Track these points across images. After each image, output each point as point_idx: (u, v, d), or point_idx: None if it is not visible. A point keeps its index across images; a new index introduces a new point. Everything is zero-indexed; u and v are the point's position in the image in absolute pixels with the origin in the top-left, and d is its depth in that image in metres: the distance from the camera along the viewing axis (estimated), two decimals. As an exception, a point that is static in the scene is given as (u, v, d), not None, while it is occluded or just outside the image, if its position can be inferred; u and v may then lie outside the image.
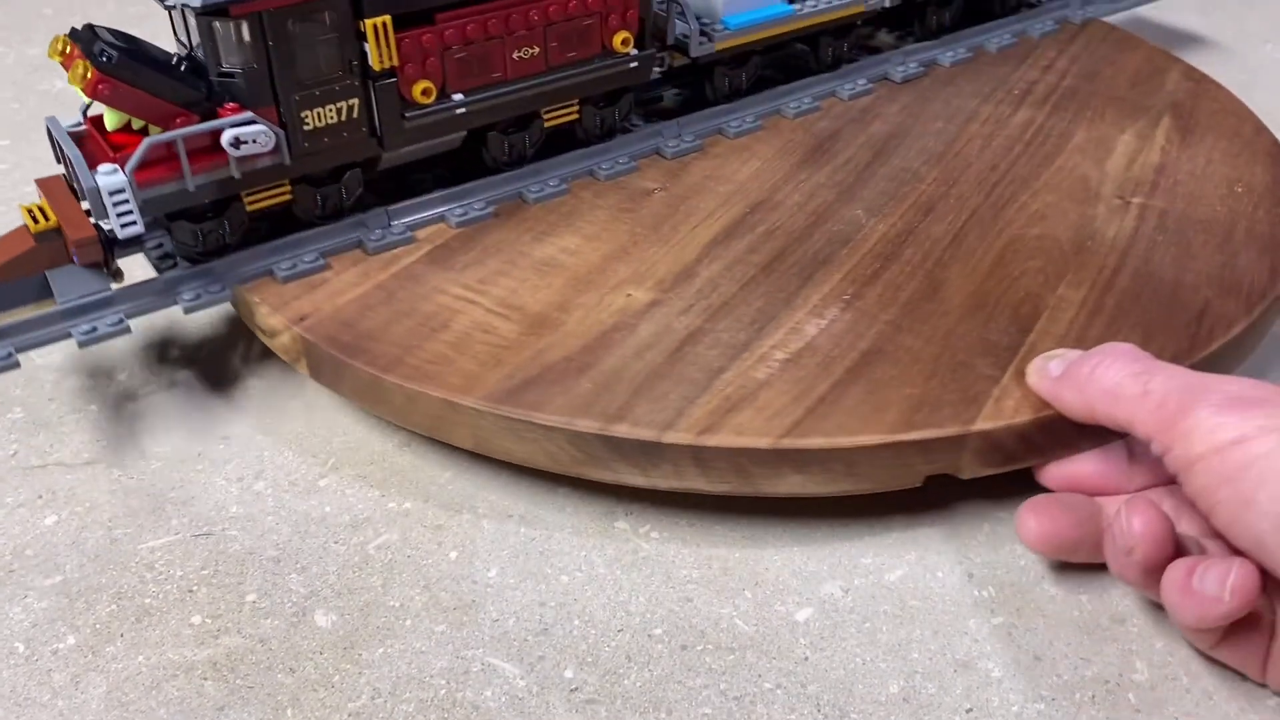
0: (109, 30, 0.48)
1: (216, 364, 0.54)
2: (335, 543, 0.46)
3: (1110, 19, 0.79)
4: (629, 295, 0.50)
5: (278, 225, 0.53)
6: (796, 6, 0.63)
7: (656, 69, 0.63)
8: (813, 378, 0.46)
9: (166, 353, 0.55)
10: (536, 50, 0.54)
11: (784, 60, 0.68)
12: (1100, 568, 0.43)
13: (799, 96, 0.66)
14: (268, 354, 0.54)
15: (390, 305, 0.50)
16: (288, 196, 0.51)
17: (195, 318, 0.57)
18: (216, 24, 0.46)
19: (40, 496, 0.48)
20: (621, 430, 0.43)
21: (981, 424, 0.43)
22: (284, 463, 0.49)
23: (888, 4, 0.69)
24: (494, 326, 0.49)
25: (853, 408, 0.44)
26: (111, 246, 0.48)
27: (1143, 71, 0.70)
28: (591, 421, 0.43)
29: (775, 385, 0.45)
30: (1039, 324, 0.48)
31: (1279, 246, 0.53)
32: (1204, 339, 0.48)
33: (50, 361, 0.55)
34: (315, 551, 0.45)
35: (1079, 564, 0.44)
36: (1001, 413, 0.44)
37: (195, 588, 0.44)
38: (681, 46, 0.61)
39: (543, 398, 0.45)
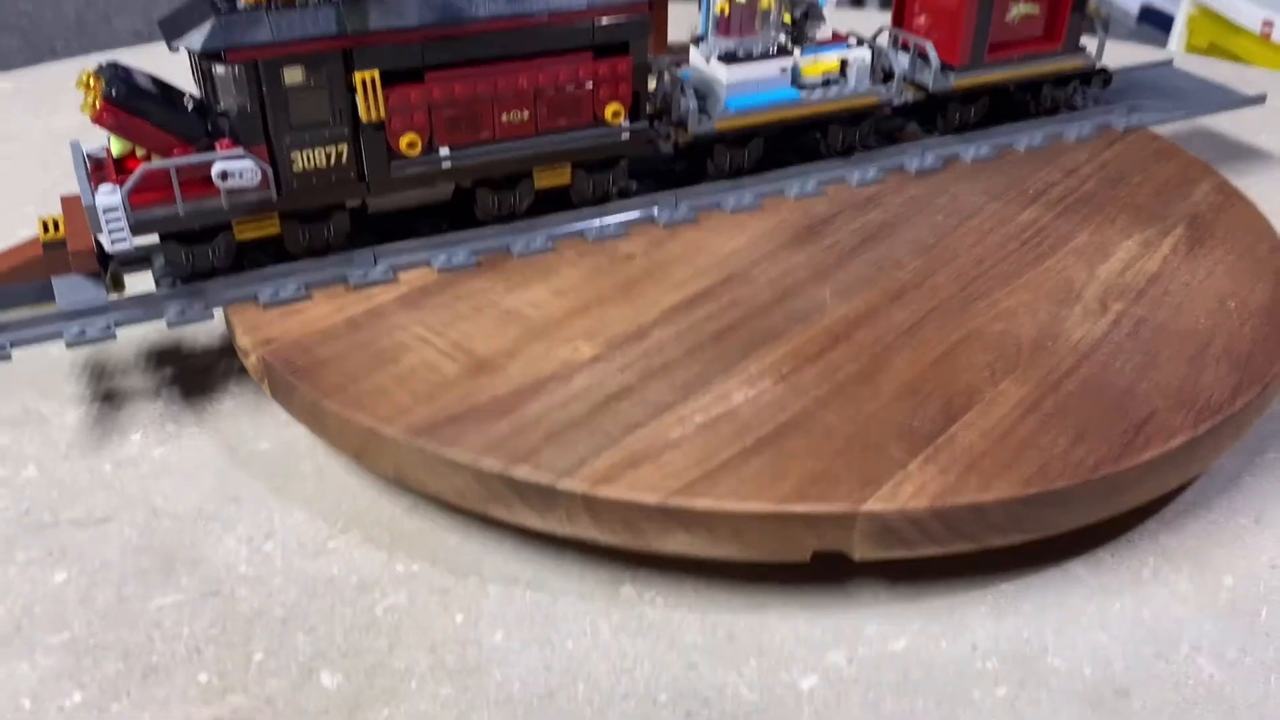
0: (141, 73, 0.53)
1: (231, 427, 0.56)
2: (342, 604, 0.46)
3: (1170, 129, 0.78)
4: (576, 349, 0.52)
5: (279, 255, 0.57)
6: (804, 94, 0.65)
7: (663, 142, 0.65)
8: (722, 443, 0.46)
9: (182, 414, 0.57)
10: (526, 114, 0.57)
11: (799, 143, 0.69)
12: (1104, 638, 0.42)
13: (803, 180, 0.67)
14: (281, 419, 0.56)
15: (351, 337, 0.53)
16: (275, 229, 0.55)
17: (215, 383, 0.59)
18: (216, 68, 0.51)
19: (51, 554, 0.48)
20: (522, 472, 0.45)
21: (872, 505, 0.43)
22: (294, 524, 0.50)
23: (910, 99, 0.70)
24: (439, 366, 0.51)
25: (750, 475, 0.45)
26: (108, 261, 0.53)
27: (1172, 182, 0.69)
28: (496, 461, 0.45)
29: (684, 446, 0.46)
30: (967, 416, 0.48)
31: (1251, 365, 0.52)
32: (1138, 447, 0.47)
33: (65, 420, 0.56)
34: (322, 612, 0.46)
35: (1083, 636, 0.43)
36: (897, 497, 0.44)
37: (203, 646, 0.44)
38: (686, 122, 0.63)
39: (459, 435, 0.47)
